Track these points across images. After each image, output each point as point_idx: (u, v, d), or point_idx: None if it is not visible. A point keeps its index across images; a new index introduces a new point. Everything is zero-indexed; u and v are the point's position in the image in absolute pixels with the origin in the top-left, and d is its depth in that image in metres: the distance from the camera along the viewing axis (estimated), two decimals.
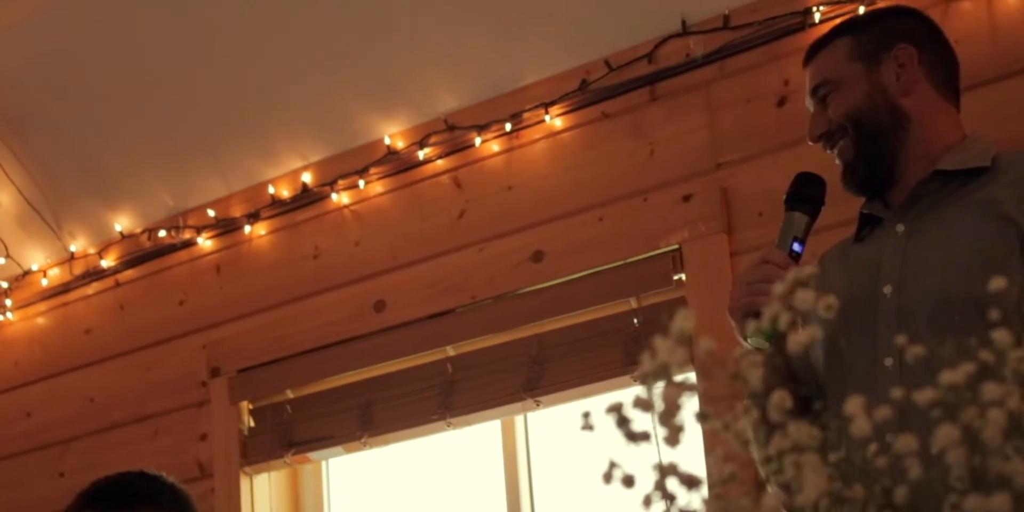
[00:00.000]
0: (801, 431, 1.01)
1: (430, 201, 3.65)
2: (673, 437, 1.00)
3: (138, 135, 4.07)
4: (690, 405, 1.00)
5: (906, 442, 0.96)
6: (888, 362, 1.94)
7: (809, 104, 2.19)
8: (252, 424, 3.80)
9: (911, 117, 2.11)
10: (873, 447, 1.00)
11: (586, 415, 1.02)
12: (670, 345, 1.01)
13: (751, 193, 3.11)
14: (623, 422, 1.02)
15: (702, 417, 1.03)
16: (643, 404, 1.00)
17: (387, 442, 3.59)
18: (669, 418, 0.99)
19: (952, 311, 1.88)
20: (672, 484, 0.99)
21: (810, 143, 2.19)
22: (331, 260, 3.79)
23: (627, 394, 2.16)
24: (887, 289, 1.98)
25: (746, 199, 3.12)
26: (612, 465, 1.00)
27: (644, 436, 1.00)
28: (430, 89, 3.64)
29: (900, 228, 2.04)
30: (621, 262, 3.27)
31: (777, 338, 1.97)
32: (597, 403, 3.27)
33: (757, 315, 1.90)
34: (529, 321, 3.38)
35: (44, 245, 4.35)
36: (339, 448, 3.63)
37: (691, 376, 1.01)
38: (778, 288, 1.02)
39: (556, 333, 3.35)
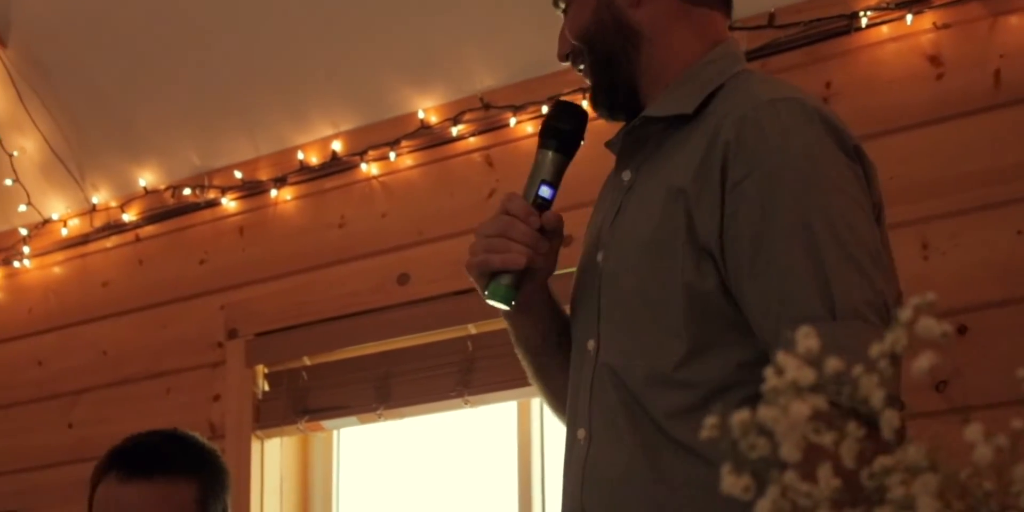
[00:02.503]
0: (919, 453, 1.00)
1: (460, 178, 3.65)
2: (793, 452, 1.02)
3: (169, 91, 4.07)
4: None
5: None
6: (591, 345, 1.74)
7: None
8: (267, 388, 3.81)
9: (642, 32, 1.78)
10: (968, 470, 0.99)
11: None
12: (797, 363, 1.03)
13: None
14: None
15: (816, 432, 1.01)
16: (770, 420, 1.01)
17: (403, 415, 3.61)
18: (793, 435, 1.02)
19: (625, 292, 1.71)
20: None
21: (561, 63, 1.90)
22: (357, 230, 3.79)
23: None
24: (600, 256, 1.78)
25: None
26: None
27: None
28: (468, 66, 3.64)
29: (627, 176, 1.78)
30: None
31: (516, 299, 1.75)
32: None
33: (494, 275, 1.74)
34: None
35: (66, 195, 4.35)
36: (354, 418, 3.65)
37: None
38: (903, 314, 1.02)
39: None
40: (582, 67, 1.84)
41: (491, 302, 1.77)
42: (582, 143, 1.82)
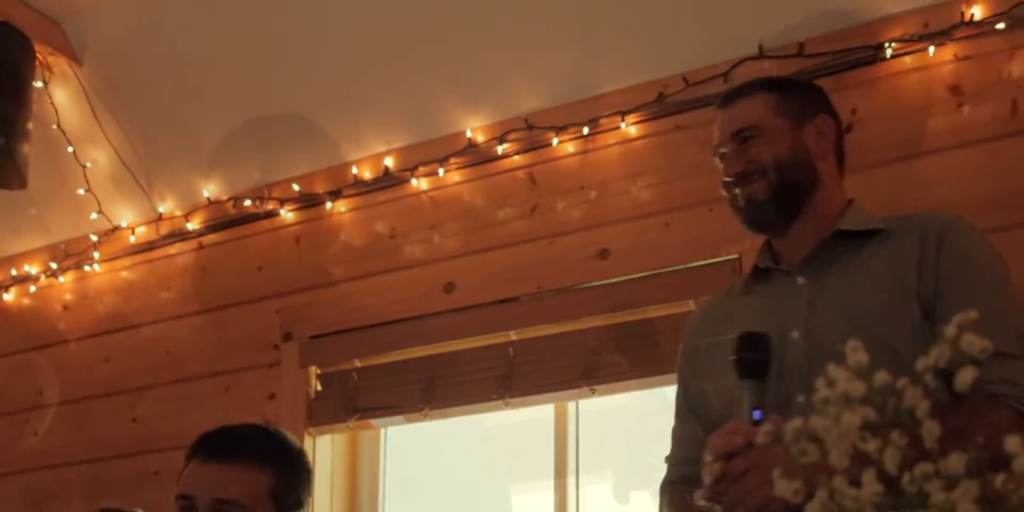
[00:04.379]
0: (959, 462, 1.03)
1: (505, 194, 3.71)
2: (842, 459, 1.05)
3: (234, 107, 4.12)
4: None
5: None
6: (800, 399, 2.02)
7: (724, 145, 2.36)
8: (319, 388, 3.86)
9: (821, 179, 2.31)
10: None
11: None
12: (848, 376, 1.10)
13: None
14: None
15: (863, 441, 1.06)
16: (819, 429, 1.07)
17: (447, 415, 3.67)
18: (844, 442, 1.05)
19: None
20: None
21: (726, 180, 2.33)
22: (406, 241, 3.85)
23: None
24: (795, 334, 2.13)
25: None
26: None
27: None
28: (514, 89, 3.71)
29: (801, 280, 2.22)
30: (683, 266, 3.32)
31: None
32: (648, 395, 3.43)
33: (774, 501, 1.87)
34: (590, 314, 3.44)
35: (134, 204, 4.42)
36: (401, 417, 3.71)
37: None
38: (946, 331, 1.13)
39: (615, 327, 3.40)
40: (751, 185, 2.30)
41: None
42: (771, 362, 2.13)
